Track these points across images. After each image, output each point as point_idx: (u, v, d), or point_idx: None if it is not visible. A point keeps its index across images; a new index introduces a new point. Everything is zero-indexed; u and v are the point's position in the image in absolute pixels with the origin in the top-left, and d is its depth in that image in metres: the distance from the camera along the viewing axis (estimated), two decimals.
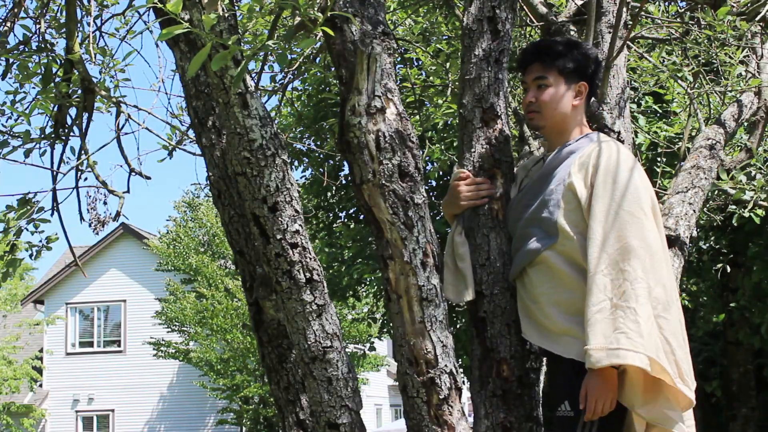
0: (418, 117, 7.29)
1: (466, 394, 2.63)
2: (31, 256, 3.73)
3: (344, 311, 16.53)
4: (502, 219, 2.58)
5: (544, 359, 2.65)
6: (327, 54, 4.65)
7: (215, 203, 3.09)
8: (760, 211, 4.56)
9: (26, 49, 3.68)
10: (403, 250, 2.41)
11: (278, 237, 2.38)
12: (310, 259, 2.43)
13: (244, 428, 20.31)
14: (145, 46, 73.84)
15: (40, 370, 22.27)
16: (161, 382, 23.21)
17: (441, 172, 9.57)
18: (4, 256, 3.65)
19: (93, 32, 3.74)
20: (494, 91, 2.63)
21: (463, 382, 2.61)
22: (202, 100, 3.05)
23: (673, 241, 3.05)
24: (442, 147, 8.19)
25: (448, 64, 5.94)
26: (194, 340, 19.46)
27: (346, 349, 2.70)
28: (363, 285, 10.75)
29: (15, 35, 3.86)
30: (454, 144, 8.13)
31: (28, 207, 3.58)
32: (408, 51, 7.42)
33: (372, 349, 12.03)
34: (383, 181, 2.40)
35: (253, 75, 2.75)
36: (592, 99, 2.84)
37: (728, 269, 10.34)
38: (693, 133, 4.61)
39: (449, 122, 7.72)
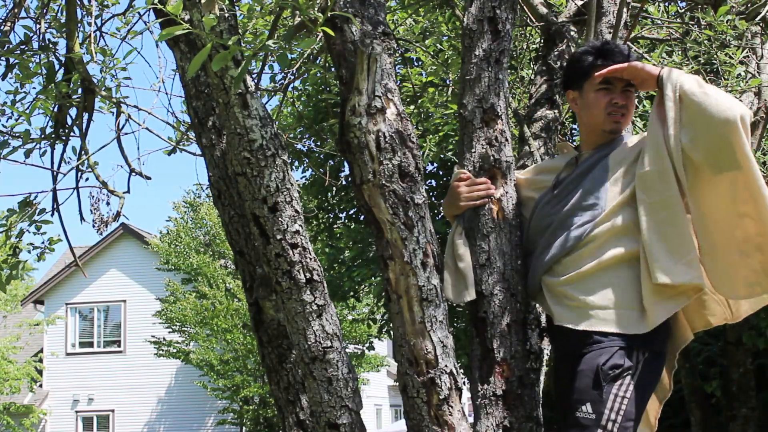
0: (414, 110, 7.28)
1: (466, 394, 2.63)
2: (38, 258, 3.74)
3: (344, 312, 16.53)
4: (502, 219, 2.58)
5: (545, 359, 2.65)
6: (327, 54, 4.65)
7: (215, 203, 3.09)
8: None
9: (27, 49, 3.68)
10: (403, 250, 2.41)
11: (278, 237, 2.38)
12: (310, 259, 2.43)
13: (244, 428, 20.31)
14: (146, 46, 73.87)
15: (40, 371, 22.27)
16: (161, 383, 23.21)
17: (438, 168, 9.56)
18: (7, 259, 3.66)
19: (93, 32, 3.74)
20: (494, 92, 2.63)
21: (464, 382, 2.61)
22: (202, 100, 3.05)
23: None
24: (437, 139, 8.18)
25: (449, 60, 5.94)
26: (194, 341, 19.46)
27: (346, 350, 2.70)
28: (363, 288, 10.72)
29: (16, 35, 3.87)
30: (448, 133, 8.11)
31: (29, 209, 3.58)
32: (408, 51, 7.42)
33: (371, 348, 12.01)
34: (383, 182, 2.40)
35: (254, 75, 2.75)
36: None
37: None
38: None
39: (445, 119, 7.72)
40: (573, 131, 7.32)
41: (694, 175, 2.34)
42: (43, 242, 3.75)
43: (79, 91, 3.67)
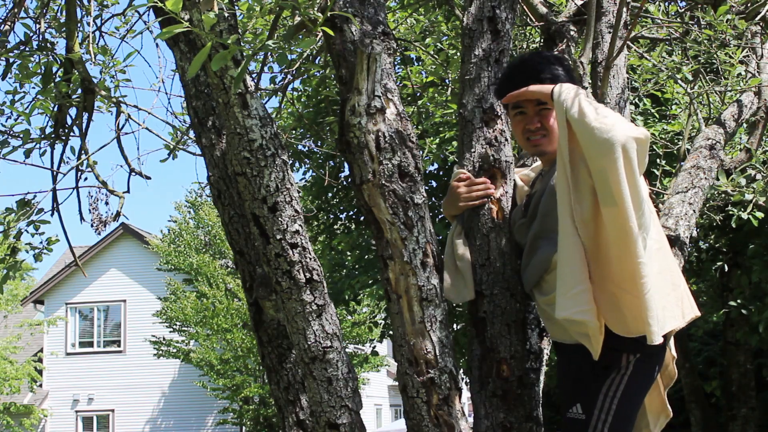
0: (413, 109, 7.28)
1: (466, 394, 2.63)
2: (34, 258, 3.73)
3: (343, 312, 16.53)
4: (502, 219, 2.58)
5: (545, 359, 2.65)
6: (327, 54, 4.65)
7: (215, 203, 3.09)
8: (758, 213, 4.56)
9: (26, 49, 3.68)
10: (403, 250, 2.41)
11: (278, 237, 2.38)
12: (310, 259, 2.42)
13: (244, 428, 20.31)
14: (145, 46, 73.88)
15: (40, 371, 22.27)
16: (161, 382, 23.21)
17: (438, 169, 9.57)
18: (4, 259, 3.65)
19: (93, 32, 3.74)
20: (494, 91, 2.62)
21: (465, 382, 2.61)
22: (202, 100, 3.05)
23: (673, 241, 3.05)
24: (438, 141, 8.19)
25: (449, 59, 5.93)
26: (194, 340, 19.46)
27: (347, 350, 2.70)
28: (364, 294, 10.72)
29: (15, 35, 3.86)
30: (447, 137, 8.11)
31: (28, 208, 3.58)
32: (408, 50, 7.42)
33: (375, 354, 12.03)
34: (383, 181, 2.40)
35: (253, 75, 2.75)
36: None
37: (726, 269, 10.33)
38: (693, 133, 4.61)
39: (445, 118, 7.72)
40: None
41: (595, 203, 2.23)
42: (41, 242, 3.74)
43: (79, 91, 3.67)
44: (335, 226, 10.68)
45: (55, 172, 3.85)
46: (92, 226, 4.19)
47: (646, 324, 2.18)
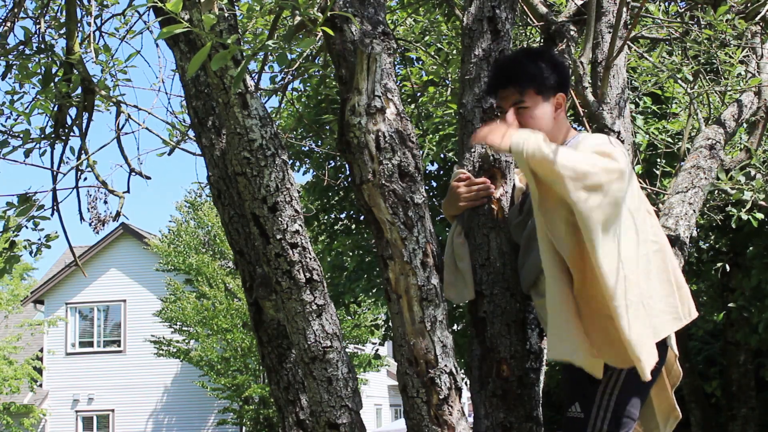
0: (414, 109, 7.28)
1: (466, 394, 2.63)
2: (30, 253, 3.72)
3: (343, 313, 16.49)
4: (502, 219, 2.58)
5: (544, 359, 2.65)
6: (327, 54, 4.65)
7: (215, 203, 3.10)
8: (759, 214, 4.55)
9: (26, 50, 3.68)
10: (403, 250, 2.41)
11: (278, 237, 2.38)
12: (310, 259, 2.43)
13: (244, 428, 20.31)
14: (145, 46, 73.87)
15: (40, 370, 22.27)
16: (161, 382, 23.22)
17: (438, 169, 9.57)
18: (2, 253, 3.64)
19: (93, 32, 3.74)
20: None
21: (464, 381, 2.61)
22: (202, 100, 3.05)
23: (673, 241, 3.05)
24: (437, 139, 8.18)
25: (449, 59, 5.93)
26: (195, 339, 19.46)
27: (347, 350, 2.70)
28: (363, 298, 10.72)
29: (15, 35, 3.86)
30: (447, 134, 8.11)
31: (28, 204, 3.57)
32: (408, 50, 7.42)
33: (377, 357, 12.06)
34: (383, 181, 2.40)
35: (253, 75, 2.75)
36: (592, 99, 2.84)
37: (727, 269, 10.34)
38: (693, 133, 4.61)
39: (445, 118, 7.72)
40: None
41: (575, 243, 2.23)
42: (39, 239, 3.73)
43: (79, 90, 3.67)
44: (336, 227, 10.67)
45: (55, 172, 3.85)
46: (91, 225, 4.18)
47: (636, 360, 2.18)
